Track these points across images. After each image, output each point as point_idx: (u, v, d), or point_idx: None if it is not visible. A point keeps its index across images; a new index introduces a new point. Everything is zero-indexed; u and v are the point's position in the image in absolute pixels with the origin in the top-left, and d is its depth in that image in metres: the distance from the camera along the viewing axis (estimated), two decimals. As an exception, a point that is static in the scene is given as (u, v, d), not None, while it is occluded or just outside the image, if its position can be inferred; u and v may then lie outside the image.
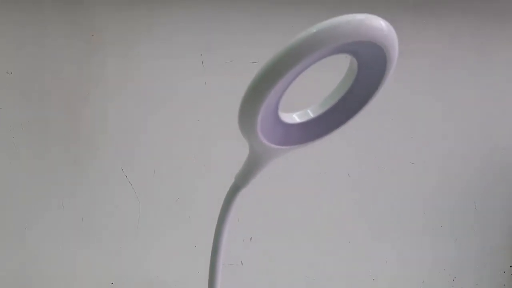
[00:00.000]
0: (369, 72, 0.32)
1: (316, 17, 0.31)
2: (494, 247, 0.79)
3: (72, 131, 0.63)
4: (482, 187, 0.77)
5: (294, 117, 0.34)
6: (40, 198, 0.64)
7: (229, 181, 0.40)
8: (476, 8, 0.70)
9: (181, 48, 0.62)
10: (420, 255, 0.77)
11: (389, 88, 0.66)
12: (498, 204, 0.78)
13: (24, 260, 0.65)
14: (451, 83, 0.72)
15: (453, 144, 0.74)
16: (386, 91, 0.66)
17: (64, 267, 0.66)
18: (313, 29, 0.28)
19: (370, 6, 0.64)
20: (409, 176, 0.73)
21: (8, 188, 0.63)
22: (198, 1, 0.61)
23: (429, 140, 0.73)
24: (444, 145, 0.74)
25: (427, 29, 0.69)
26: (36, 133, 0.62)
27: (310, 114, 0.34)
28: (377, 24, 0.29)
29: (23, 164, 0.63)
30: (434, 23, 0.69)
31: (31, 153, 0.62)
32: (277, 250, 0.71)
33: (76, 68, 0.61)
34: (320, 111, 0.34)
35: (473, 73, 0.72)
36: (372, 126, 0.70)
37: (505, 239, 0.80)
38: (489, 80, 0.73)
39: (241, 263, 0.70)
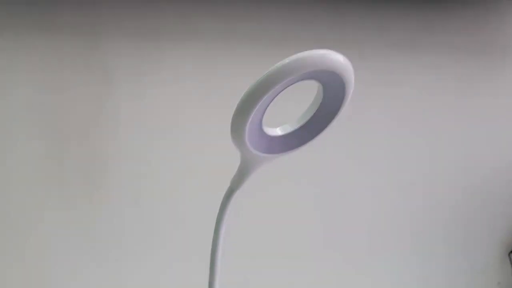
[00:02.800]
0: (332, 96, 0.40)
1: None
2: (482, 266, 0.84)
3: (87, 162, 0.69)
4: (469, 209, 0.82)
5: (276, 130, 0.43)
6: (57, 223, 0.70)
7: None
8: (458, 43, 0.77)
9: (187, 83, 0.68)
10: (409, 276, 0.82)
11: (377, 116, 0.74)
12: (485, 224, 0.83)
13: (38, 278, 0.71)
14: (436, 111, 0.78)
15: (440, 166, 0.80)
16: (373, 118, 0.73)
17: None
18: (286, 60, 0.37)
19: (359, 46, 0.72)
20: (397, 198, 0.79)
21: (27, 214, 0.69)
22: (204, 39, 0.68)
23: (417, 162, 0.79)
24: (432, 167, 0.80)
25: (413, 62, 0.76)
26: (55, 163, 0.68)
27: (289, 128, 0.42)
28: (336, 57, 0.38)
29: (41, 192, 0.69)
30: (419, 57, 0.76)
31: (49, 183, 0.68)
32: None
33: (91, 104, 0.67)
34: (296, 126, 0.42)
35: (456, 102, 0.79)
36: (359, 151, 0.77)
37: (492, 258, 0.84)
38: (470, 108, 0.80)
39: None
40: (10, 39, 0.64)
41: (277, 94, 0.39)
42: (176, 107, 0.69)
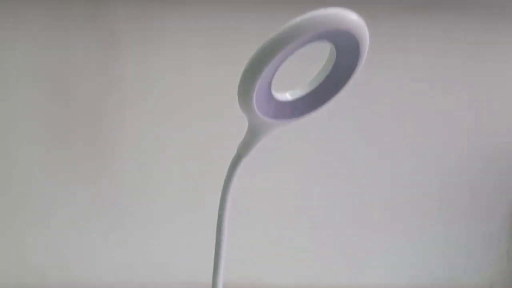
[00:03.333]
0: (346, 58, 0.38)
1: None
2: (490, 234, 0.83)
3: (93, 127, 0.69)
4: (481, 174, 0.80)
5: (286, 95, 0.41)
6: (64, 188, 0.71)
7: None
8: (471, 7, 0.74)
9: (192, 50, 0.68)
10: (412, 248, 0.82)
11: (388, 84, 0.72)
12: (496, 191, 0.82)
13: (46, 247, 0.72)
14: (448, 79, 0.76)
15: (453, 130, 0.79)
16: (385, 87, 0.72)
17: (86, 256, 0.73)
18: (298, 18, 0.35)
19: (368, 6, 0.69)
20: (404, 169, 0.78)
21: (34, 179, 0.70)
22: (211, 1, 0.67)
23: (426, 131, 0.78)
24: (441, 135, 0.78)
25: (423, 27, 0.73)
26: (61, 128, 0.69)
27: (299, 93, 0.40)
28: (349, 15, 0.35)
29: (48, 158, 0.69)
30: (430, 22, 0.74)
31: (56, 148, 0.69)
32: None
33: (97, 70, 0.67)
34: (307, 90, 0.40)
35: (469, 69, 0.77)
36: (369, 119, 0.75)
37: (501, 226, 0.83)
38: (484, 76, 0.77)
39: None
40: (14, 2, 0.63)
41: (287, 57, 0.37)
42: (182, 71, 0.69)
